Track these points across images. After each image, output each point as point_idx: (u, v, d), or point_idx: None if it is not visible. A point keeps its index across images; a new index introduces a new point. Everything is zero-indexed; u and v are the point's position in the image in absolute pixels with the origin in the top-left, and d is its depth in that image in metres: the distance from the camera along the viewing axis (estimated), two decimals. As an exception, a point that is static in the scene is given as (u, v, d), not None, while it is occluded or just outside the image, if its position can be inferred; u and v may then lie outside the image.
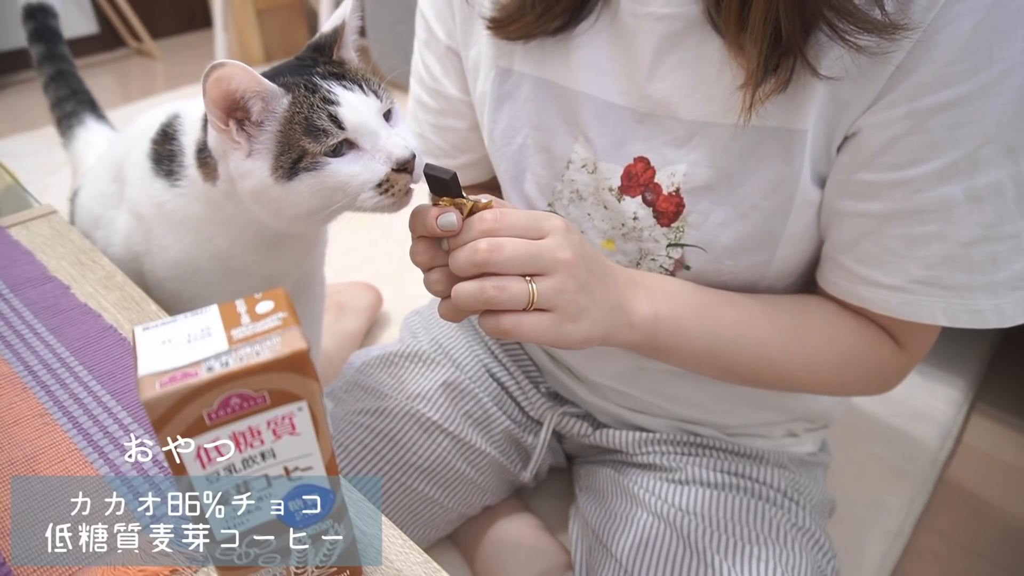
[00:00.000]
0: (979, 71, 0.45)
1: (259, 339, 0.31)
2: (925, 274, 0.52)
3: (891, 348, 0.58)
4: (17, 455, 0.47)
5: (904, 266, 0.52)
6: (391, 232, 1.66)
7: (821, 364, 0.59)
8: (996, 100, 0.46)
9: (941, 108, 0.47)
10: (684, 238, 0.59)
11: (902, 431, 1.13)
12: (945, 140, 0.48)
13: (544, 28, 0.58)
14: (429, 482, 0.79)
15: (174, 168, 0.60)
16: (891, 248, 0.52)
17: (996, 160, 0.47)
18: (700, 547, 0.66)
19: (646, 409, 0.75)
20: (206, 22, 3.12)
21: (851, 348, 0.58)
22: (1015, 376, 1.26)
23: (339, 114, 0.51)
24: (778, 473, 0.72)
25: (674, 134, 0.56)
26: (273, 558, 0.37)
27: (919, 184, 0.49)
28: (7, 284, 0.63)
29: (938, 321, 0.53)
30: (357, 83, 0.53)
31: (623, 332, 0.52)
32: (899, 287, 0.53)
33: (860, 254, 0.54)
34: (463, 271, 0.46)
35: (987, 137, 0.47)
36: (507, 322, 0.46)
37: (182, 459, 0.31)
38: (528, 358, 0.84)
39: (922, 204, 0.50)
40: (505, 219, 0.46)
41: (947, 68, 0.46)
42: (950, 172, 0.48)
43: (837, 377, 0.60)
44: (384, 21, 1.81)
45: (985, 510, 1.04)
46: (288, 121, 0.51)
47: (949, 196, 0.49)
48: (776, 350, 0.58)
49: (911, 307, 0.53)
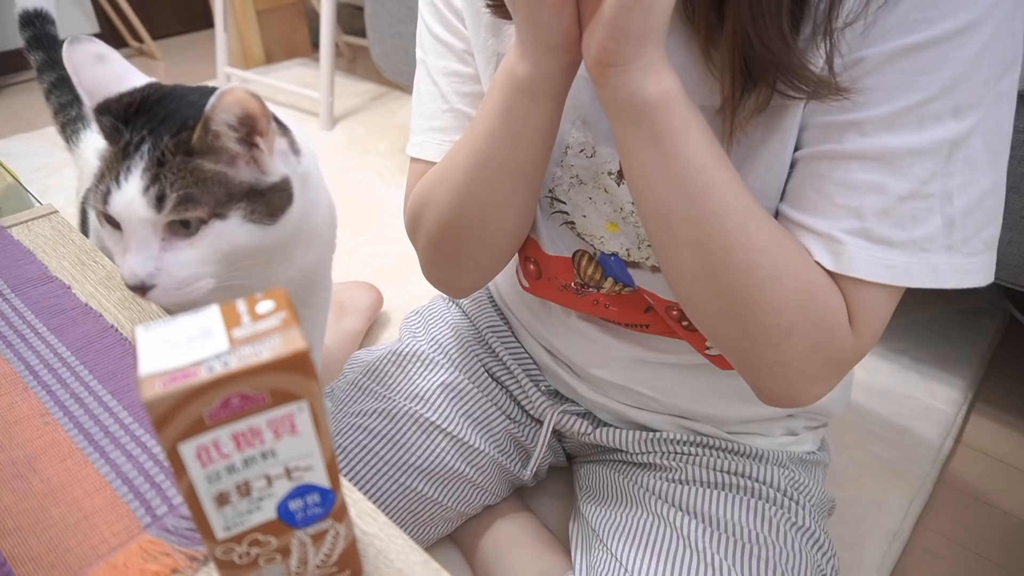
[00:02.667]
0: (943, 20, 0.45)
1: (260, 339, 0.31)
2: (857, 225, 0.51)
3: (844, 322, 0.54)
4: (18, 455, 0.47)
5: (837, 214, 0.51)
6: (391, 232, 1.67)
7: (786, 280, 0.53)
8: (956, 51, 0.46)
9: (900, 53, 0.47)
10: None
11: (902, 431, 1.13)
12: (899, 85, 0.47)
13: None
14: (429, 483, 0.79)
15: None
16: (830, 194, 0.51)
17: (942, 117, 0.47)
18: (700, 546, 0.66)
19: (646, 405, 0.75)
20: (207, 22, 3.12)
21: (816, 285, 0.53)
22: (1015, 376, 1.26)
23: (111, 194, 0.53)
24: (778, 472, 0.72)
25: None
26: (273, 558, 0.37)
27: (867, 127, 0.49)
28: (8, 284, 0.63)
29: (859, 273, 0.51)
30: (159, 182, 0.52)
31: (651, 72, 0.48)
32: (830, 235, 0.52)
33: (800, 200, 0.54)
34: None
35: (941, 89, 0.47)
36: None
37: (183, 459, 0.31)
38: (528, 356, 0.84)
39: (867, 149, 0.49)
40: None
41: (910, 15, 0.46)
42: (899, 121, 0.48)
43: (790, 312, 0.53)
44: (384, 21, 1.81)
45: (985, 510, 1.04)
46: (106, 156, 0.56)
47: (895, 145, 0.48)
48: (756, 232, 0.52)
49: (838, 257, 0.52)
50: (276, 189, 0.57)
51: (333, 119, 2.24)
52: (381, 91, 2.49)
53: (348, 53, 2.79)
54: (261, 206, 0.56)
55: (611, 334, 0.72)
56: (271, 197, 0.57)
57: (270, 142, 0.56)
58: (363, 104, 2.39)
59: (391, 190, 1.85)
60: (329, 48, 2.12)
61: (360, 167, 1.97)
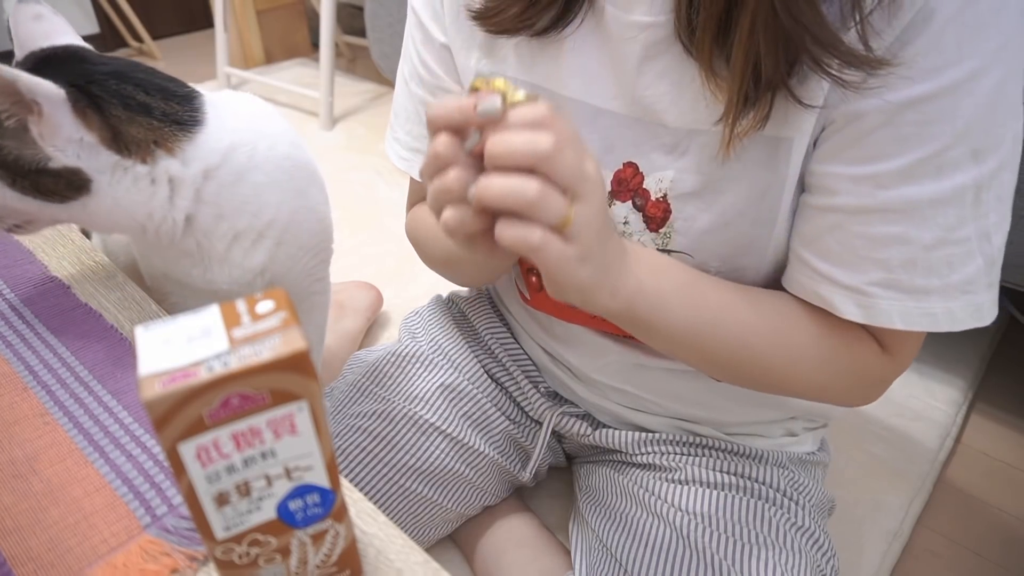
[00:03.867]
0: (949, 68, 0.45)
1: (259, 339, 0.31)
2: (885, 276, 0.51)
3: (875, 352, 0.57)
4: (17, 455, 0.47)
5: (863, 267, 0.51)
6: (391, 232, 1.67)
7: (803, 359, 0.57)
8: (967, 99, 0.45)
9: (911, 103, 0.46)
10: (671, 244, 0.59)
11: (902, 431, 1.13)
12: (913, 136, 0.47)
13: (526, 24, 0.57)
14: (428, 484, 0.79)
15: None
16: (852, 247, 0.51)
17: (962, 163, 0.47)
18: (700, 546, 0.66)
19: (646, 408, 0.75)
20: (207, 22, 3.12)
21: (834, 348, 0.57)
22: (1015, 376, 1.26)
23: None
24: (777, 472, 0.72)
25: (661, 140, 0.56)
26: (273, 558, 0.37)
27: (884, 180, 0.49)
28: (7, 284, 0.63)
29: (894, 325, 0.52)
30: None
31: (604, 297, 0.48)
32: (857, 289, 0.52)
33: (822, 249, 0.53)
34: (508, 158, 0.38)
35: (956, 137, 0.46)
36: (536, 237, 0.39)
37: (183, 459, 0.31)
38: (527, 357, 0.84)
39: (886, 202, 0.49)
40: (559, 119, 0.39)
41: (918, 62, 0.45)
42: (917, 171, 0.48)
43: (819, 377, 0.58)
44: (384, 21, 1.81)
45: (985, 510, 1.04)
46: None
47: (914, 196, 0.48)
48: (758, 339, 0.56)
49: (868, 311, 0.52)
50: (48, 173, 0.56)
51: (333, 119, 2.24)
52: (381, 91, 2.49)
53: (348, 53, 2.79)
54: (27, 181, 0.56)
55: (610, 338, 0.72)
56: (38, 178, 0.56)
57: (44, 129, 0.54)
58: (363, 104, 2.39)
59: (391, 190, 1.85)
60: (329, 48, 2.12)
61: (360, 167, 1.97)
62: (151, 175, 0.58)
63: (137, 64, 0.61)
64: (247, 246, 0.64)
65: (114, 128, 0.57)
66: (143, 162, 0.58)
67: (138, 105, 0.58)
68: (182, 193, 0.60)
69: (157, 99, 0.59)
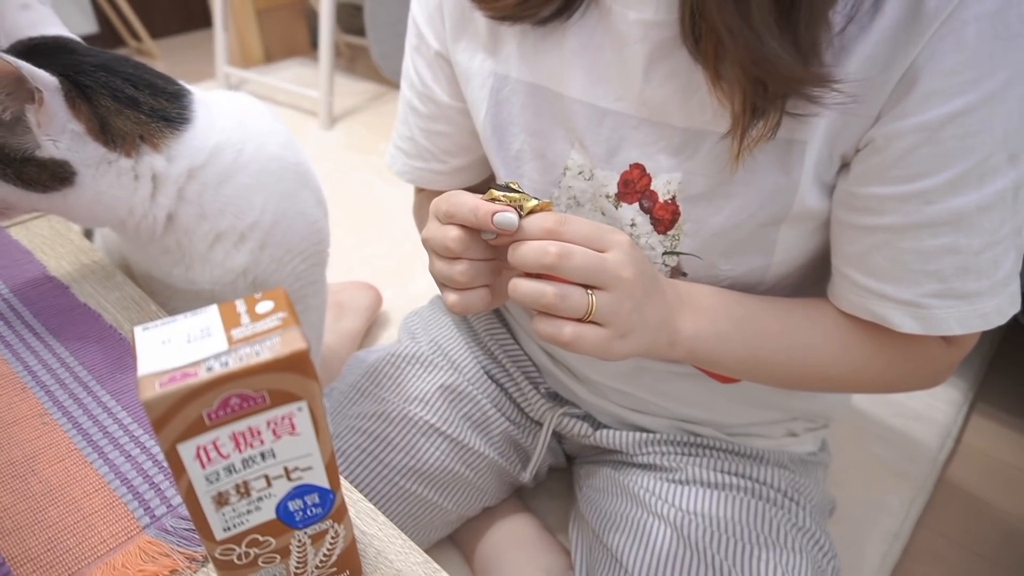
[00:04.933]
0: (984, 80, 0.45)
1: (259, 339, 0.31)
2: (939, 287, 0.52)
3: (938, 343, 0.58)
4: (17, 455, 0.47)
5: (917, 280, 0.52)
6: (391, 232, 1.67)
7: (869, 367, 0.58)
8: (1002, 107, 0.46)
9: (951, 118, 0.47)
10: (680, 246, 0.58)
11: (902, 431, 1.13)
12: (956, 150, 0.48)
13: (529, 12, 0.56)
14: (428, 486, 0.79)
15: None
16: (903, 262, 0.52)
17: (1002, 168, 0.48)
18: (700, 547, 0.65)
19: (646, 409, 0.75)
20: (206, 22, 3.12)
21: (898, 350, 0.57)
22: (1015, 376, 1.26)
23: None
24: (778, 473, 0.72)
25: (669, 141, 0.56)
26: (273, 558, 0.37)
27: (931, 196, 0.49)
28: (7, 284, 0.63)
29: (952, 331, 0.53)
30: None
31: (663, 349, 0.52)
32: (912, 302, 0.53)
33: (871, 268, 0.54)
34: (524, 268, 0.45)
35: (996, 144, 0.47)
36: (568, 332, 0.46)
37: (182, 459, 0.31)
38: (527, 358, 0.84)
39: (934, 216, 0.50)
40: (570, 225, 0.45)
41: (954, 77, 0.46)
42: (962, 182, 0.48)
43: (886, 377, 0.60)
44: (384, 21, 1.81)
45: (985, 510, 1.04)
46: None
47: (962, 207, 0.49)
48: (824, 358, 0.58)
49: (925, 321, 0.53)
50: (33, 163, 0.56)
51: (332, 119, 2.24)
52: (381, 91, 2.49)
53: (348, 53, 2.79)
54: (10, 170, 0.56)
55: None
56: (22, 167, 0.56)
57: (43, 118, 0.54)
58: (363, 104, 2.39)
59: (391, 190, 1.84)
60: (328, 48, 2.12)
61: (360, 167, 1.97)
62: (135, 170, 0.58)
63: (126, 58, 0.60)
64: (228, 247, 0.64)
65: (102, 119, 0.57)
66: (128, 156, 0.58)
67: (126, 98, 0.57)
68: (164, 191, 0.59)
69: (145, 94, 0.59)
